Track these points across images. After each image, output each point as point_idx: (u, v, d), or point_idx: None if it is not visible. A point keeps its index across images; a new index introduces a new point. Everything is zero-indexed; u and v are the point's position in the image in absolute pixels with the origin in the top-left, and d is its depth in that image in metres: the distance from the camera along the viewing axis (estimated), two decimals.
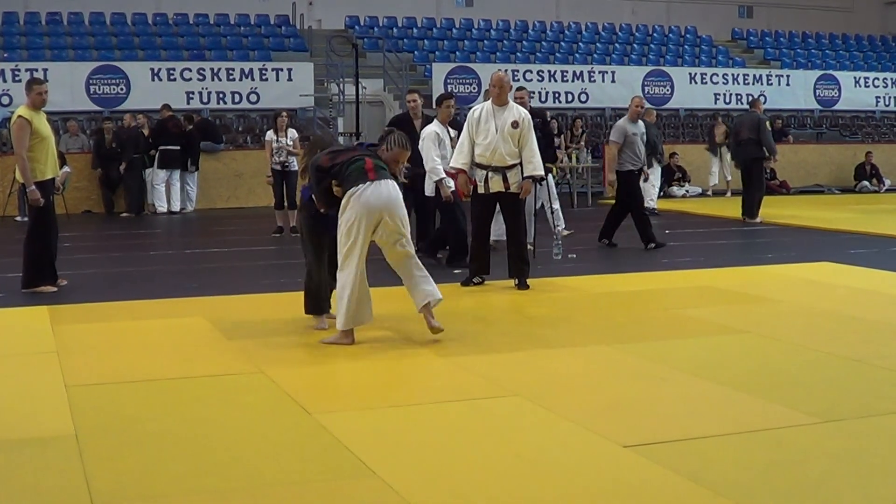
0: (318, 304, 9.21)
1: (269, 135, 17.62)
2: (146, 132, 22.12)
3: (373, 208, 8.40)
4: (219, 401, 7.03)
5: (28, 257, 11.34)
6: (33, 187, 11.08)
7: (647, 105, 16.22)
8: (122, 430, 6.21)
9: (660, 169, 21.78)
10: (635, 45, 33.29)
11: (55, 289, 11.39)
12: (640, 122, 15.53)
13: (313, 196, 8.75)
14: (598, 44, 32.97)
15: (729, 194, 24.95)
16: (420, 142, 12.88)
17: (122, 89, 25.41)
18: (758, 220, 17.88)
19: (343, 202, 8.43)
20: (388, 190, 8.51)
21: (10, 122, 11.44)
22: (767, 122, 19.31)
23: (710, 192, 25.93)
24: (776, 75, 31.99)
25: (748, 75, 31.62)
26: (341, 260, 8.50)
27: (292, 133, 17.65)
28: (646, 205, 21.02)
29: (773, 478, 5.26)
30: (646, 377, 7.53)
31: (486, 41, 31.92)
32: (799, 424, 6.21)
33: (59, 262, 11.76)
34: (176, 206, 21.97)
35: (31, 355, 8.29)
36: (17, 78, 24.43)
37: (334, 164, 8.53)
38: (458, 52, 30.69)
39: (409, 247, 8.77)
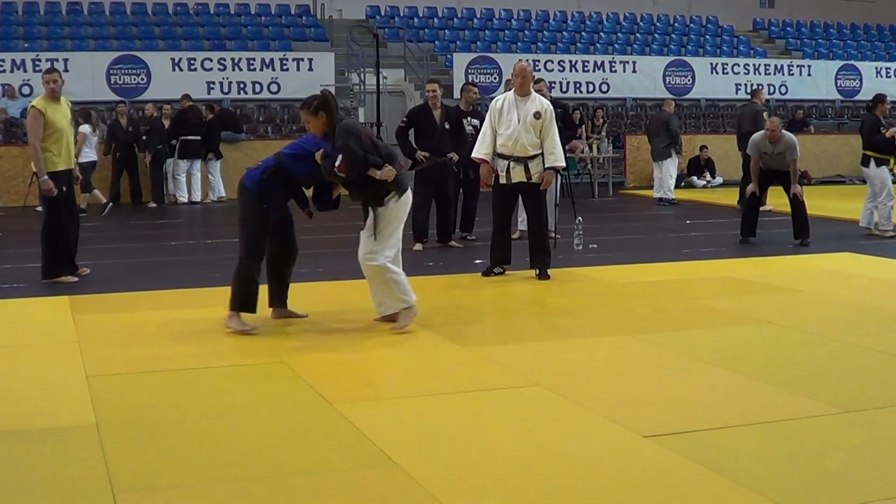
0: (253, 301, 8.93)
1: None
2: (167, 123, 22.10)
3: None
4: (240, 391, 7.05)
5: (45, 248, 11.36)
6: (45, 177, 11.11)
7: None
8: (143, 420, 6.23)
9: (677, 159, 21.70)
10: (656, 35, 33.23)
11: (76, 279, 11.42)
12: (782, 144, 14.45)
13: (345, 157, 8.37)
14: (619, 34, 32.93)
15: None
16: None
17: (142, 79, 25.50)
18: (768, 207, 17.72)
19: (394, 193, 8.66)
20: None
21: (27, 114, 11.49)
22: (765, 113, 19.15)
23: None
24: (797, 65, 31.91)
25: (769, 65, 31.56)
26: (382, 243, 8.72)
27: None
28: (664, 195, 21.10)
29: (794, 468, 5.25)
30: (667, 367, 7.52)
31: (506, 31, 31.91)
32: (820, 415, 6.20)
33: (80, 251, 11.79)
34: (197, 197, 21.96)
35: (52, 345, 8.32)
36: (37, 68, 24.45)
37: (377, 146, 8.67)
38: (478, 42, 30.68)
39: None
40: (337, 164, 8.38)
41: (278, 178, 8.70)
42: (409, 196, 8.84)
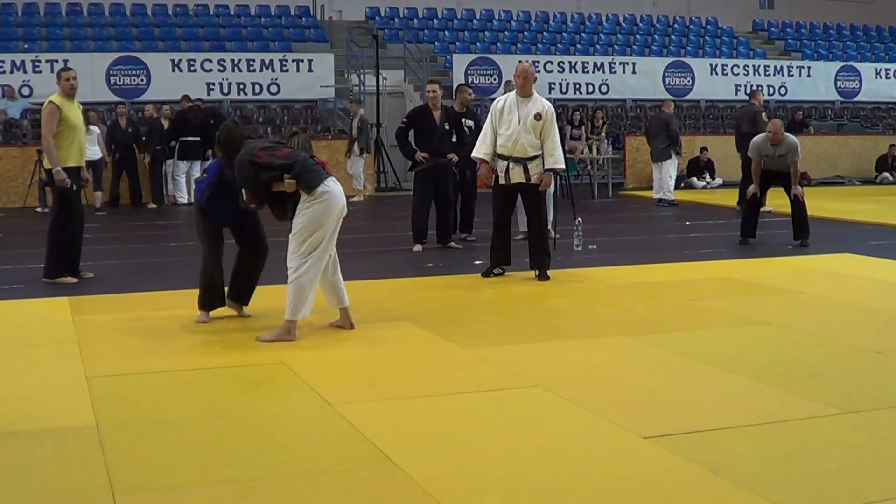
0: (213, 299, 9.22)
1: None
2: (166, 124, 22.06)
3: (341, 199, 8.52)
4: (239, 391, 7.06)
5: (50, 247, 11.38)
6: (59, 168, 11.16)
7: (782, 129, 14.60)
8: (142, 421, 6.23)
9: (677, 160, 21.67)
10: (656, 37, 33.23)
11: (76, 280, 11.43)
12: (784, 146, 14.48)
13: (246, 190, 8.57)
14: (618, 35, 32.93)
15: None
16: None
17: (142, 80, 25.51)
18: (768, 208, 17.67)
19: (308, 196, 8.37)
20: (342, 188, 8.71)
21: (43, 109, 11.54)
22: (764, 114, 19.16)
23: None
24: (797, 66, 31.92)
25: (769, 66, 31.58)
26: (302, 251, 8.37)
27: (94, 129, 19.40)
28: (663, 196, 21.09)
29: (793, 469, 5.25)
30: (666, 368, 7.52)
31: (506, 32, 31.92)
32: (819, 416, 6.20)
33: (80, 251, 11.78)
34: None
35: (52, 346, 8.32)
36: (37, 69, 24.56)
37: (273, 161, 8.44)
38: (478, 43, 30.69)
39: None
40: (245, 198, 8.65)
41: (223, 188, 8.90)
42: (328, 199, 8.40)
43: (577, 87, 29.45)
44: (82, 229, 11.73)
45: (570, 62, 29.73)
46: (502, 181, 11.32)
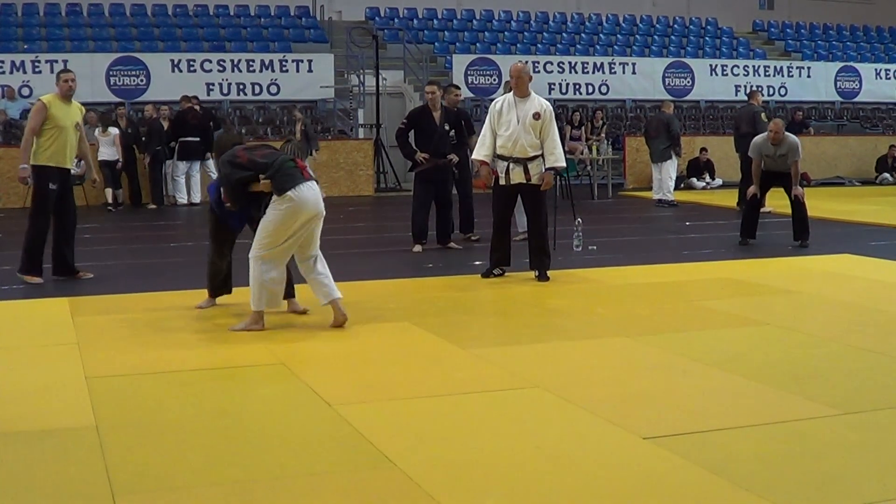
0: (215, 287, 9.79)
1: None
2: (166, 124, 22.03)
3: (312, 206, 8.60)
4: (240, 392, 7.06)
5: (25, 243, 11.45)
6: (25, 165, 11.28)
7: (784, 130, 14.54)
8: (142, 422, 6.22)
9: (677, 160, 21.64)
10: (656, 37, 33.23)
11: (41, 280, 11.38)
12: (784, 146, 14.47)
13: (222, 190, 8.87)
14: (618, 35, 32.92)
15: None
16: None
17: (142, 81, 25.50)
18: (768, 209, 17.64)
19: (278, 198, 8.51)
20: (319, 191, 8.80)
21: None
22: (763, 114, 19.16)
23: None
24: (797, 67, 31.91)
25: (769, 67, 31.56)
26: (266, 246, 8.60)
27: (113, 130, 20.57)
28: (663, 197, 21.08)
29: (792, 469, 5.25)
30: (666, 369, 7.52)
31: (506, 32, 31.92)
32: (819, 416, 6.19)
33: (80, 253, 11.80)
34: (196, 198, 21.89)
35: (52, 347, 8.32)
36: (37, 69, 24.55)
37: (254, 159, 8.67)
38: (478, 44, 30.70)
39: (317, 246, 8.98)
40: (223, 197, 8.93)
41: None
42: (295, 204, 8.52)
43: (577, 87, 29.44)
44: (74, 230, 11.73)
45: (569, 62, 29.72)
46: (502, 182, 11.32)
